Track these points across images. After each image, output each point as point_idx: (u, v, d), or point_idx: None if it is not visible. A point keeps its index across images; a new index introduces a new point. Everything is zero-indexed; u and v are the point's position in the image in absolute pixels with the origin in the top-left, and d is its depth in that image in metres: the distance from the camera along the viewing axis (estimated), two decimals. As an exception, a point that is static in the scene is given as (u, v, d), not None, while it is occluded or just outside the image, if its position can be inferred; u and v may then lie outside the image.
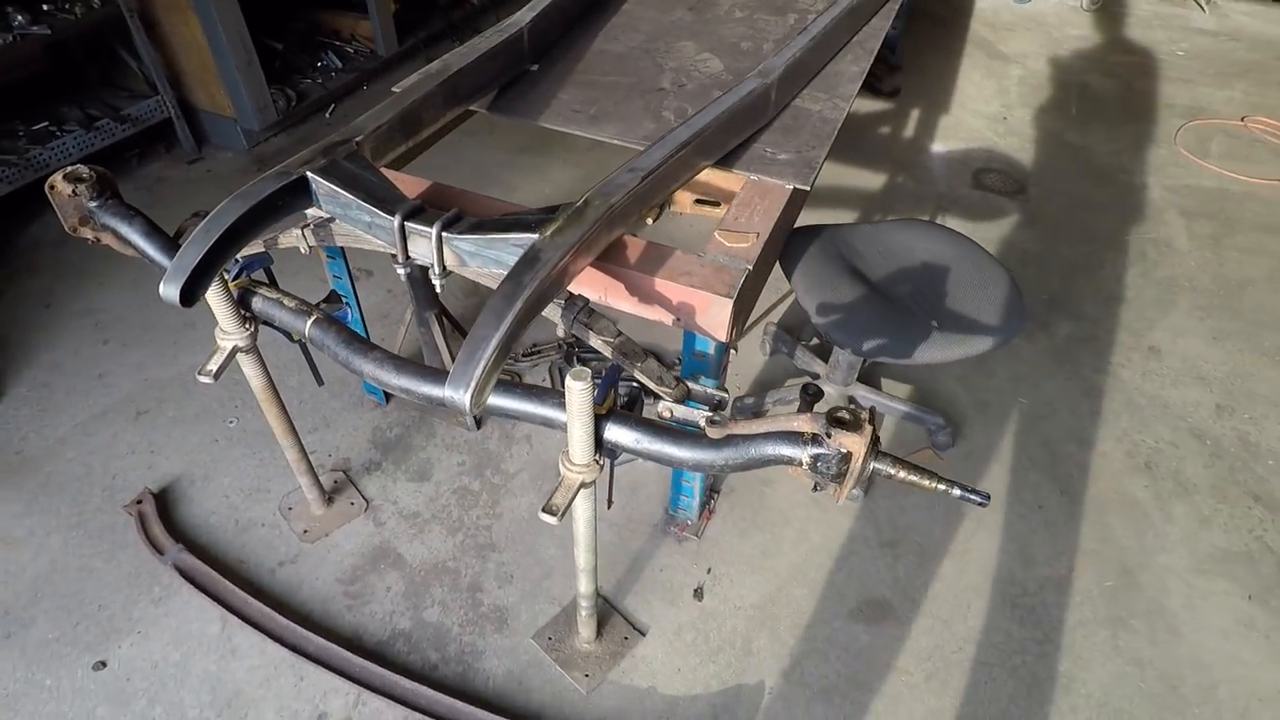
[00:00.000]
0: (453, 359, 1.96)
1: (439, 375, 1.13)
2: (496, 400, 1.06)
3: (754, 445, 1.05)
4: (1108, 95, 3.81)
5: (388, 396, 2.07)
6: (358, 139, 1.28)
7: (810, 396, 1.19)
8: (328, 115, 3.37)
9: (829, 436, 0.97)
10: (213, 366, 1.30)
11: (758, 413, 2.06)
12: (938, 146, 3.33)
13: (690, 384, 1.20)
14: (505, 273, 1.14)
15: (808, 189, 1.52)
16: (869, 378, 2.07)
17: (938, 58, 4.09)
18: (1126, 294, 2.61)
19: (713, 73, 1.81)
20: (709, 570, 1.73)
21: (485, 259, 1.14)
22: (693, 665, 1.57)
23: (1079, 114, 3.62)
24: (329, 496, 1.80)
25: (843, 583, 1.73)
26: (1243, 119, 3.59)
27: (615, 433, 1.11)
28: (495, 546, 1.75)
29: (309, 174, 1.18)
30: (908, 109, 3.59)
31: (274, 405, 1.50)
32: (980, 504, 1.00)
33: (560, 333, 1.17)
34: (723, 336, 1.32)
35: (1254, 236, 2.89)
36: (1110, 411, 2.18)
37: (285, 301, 1.28)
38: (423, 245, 1.17)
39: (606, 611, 1.63)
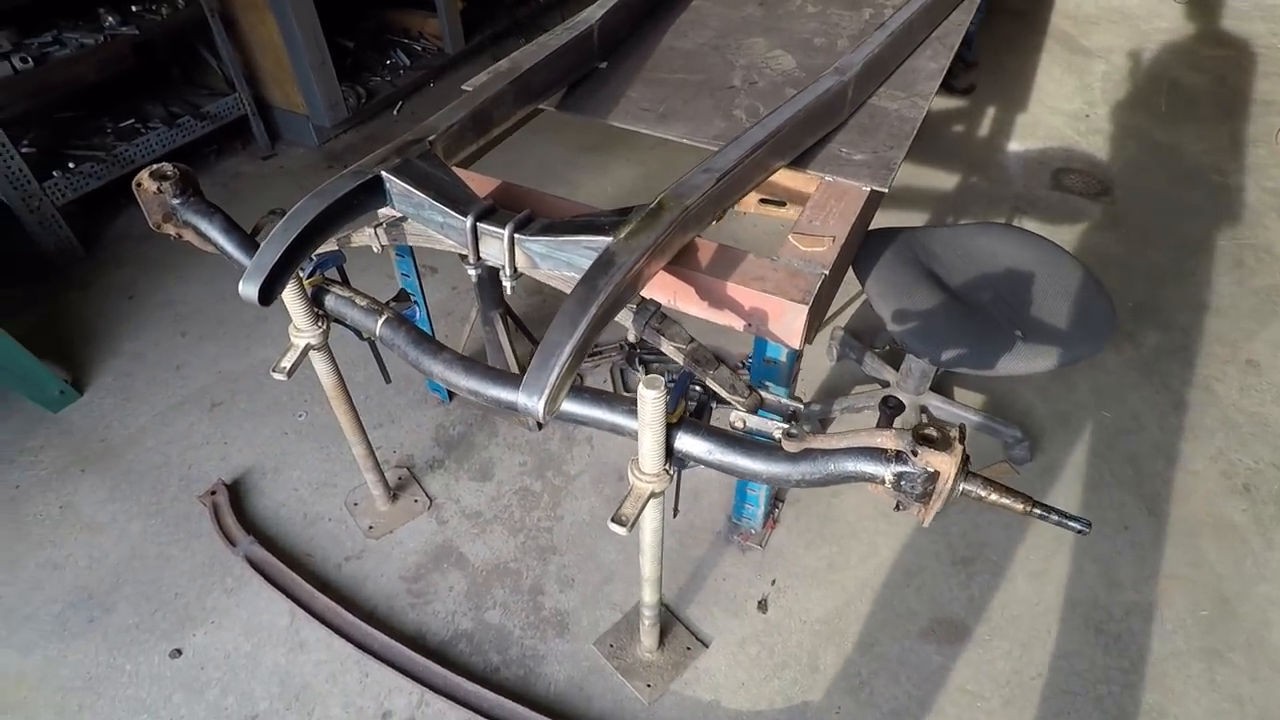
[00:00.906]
0: (516, 359, 1.96)
1: (508, 379, 1.12)
2: (565, 405, 1.04)
3: (833, 461, 1.01)
4: (1200, 91, 3.60)
5: (451, 394, 2.09)
6: (430, 138, 1.27)
7: (890, 410, 1.13)
8: (395, 112, 3.43)
9: (915, 455, 0.92)
10: (286, 364, 1.32)
11: (824, 420, 2.00)
12: (1014, 145, 3.19)
13: (764, 393, 1.15)
14: (576, 276, 1.12)
15: (885, 191, 1.46)
16: (941, 387, 1.99)
17: (1015, 53, 3.92)
18: (1221, 303, 2.45)
19: (785, 70, 1.76)
20: (773, 582, 1.69)
21: (557, 261, 1.12)
22: (757, 680, 1.52)
23: (1168, 111, 3.42)
24: (393, 493, 1.82)
25: (913, 600, 1.66)
26: (1351, 115, 3.34)
27: (686, 442, 1.08)
28: (556, 549, 1.74)
29: (383, 173, 1.18)
30: (983, 106, 3.45)
31: (343, 402, 1.51)
32: (1080, 532, 0.93)
33: (631, 337, 1.14)
34: (796, 344, 1.28)
35: (1364, 242, 2.68)
36: (1203, 428, 2.04)
37: (357, 300, 1.29)
38: (494, 246, 1.16)
39: (668, 620, 1.60)
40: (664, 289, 1.30)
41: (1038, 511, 0.93)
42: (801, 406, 1.15)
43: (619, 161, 3.03)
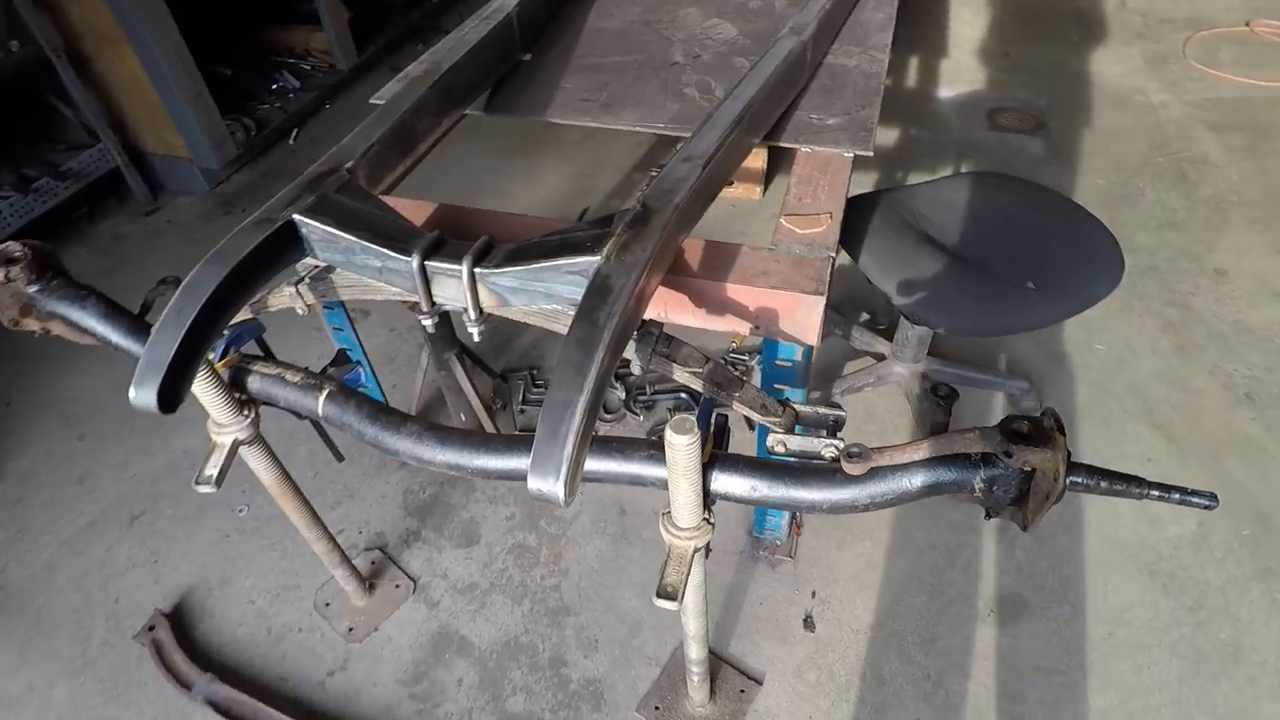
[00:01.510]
0: (481, 399, 1.74)
1: (499, 443, 0.92)
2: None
3: (908, 476, 0.85)
4: (1104, 17, 3.63)
5: (410, 453, 1.85)
6: (348, 165, 1.05)
7: (944, 400, 0.98)
8: (291, 141, 3.11)
9: (1008, 456, 0.78)
10: (212, 470, 1.07)
11: (829, 405, 1.85)
12: (945, 92, 3.13)
13: (798, 406, 0.99)
14: (562, 309, 0.93)
15: (870, 153, 1.31)
16: (935, 349, 1.88)
17: (922, 1, 3.88)
18: (1175, 218, 2.43)
19: (728, 39, 1.59)
20: (813, 594, 1.53)
21: (534, 294, 0.92)
22: (825, 710, 1.37)
23: (1080, 40, 3.44)
24: (369, 583, 1.57)
25: (962, 582, 1.54)
26: (1247, 24, 3.42)
27: (724, 483, 0.90)
28: (569, 609, 1.53)
29: (296, 217, 0.96)
30: (904, 57, 3.38)
31: (291, 498, 1.27)
32: (1207, 507, 0.80)
33: (636, 370, 0.95)
34: (813, 340, 1.11)
35: (1290, 138, 2.72)
36: (1193, 345, 2.00)
37: (288, 377, 1.06)
38: (450, 287, 0.95)
39: (714, 664, 1.42)
40: (653, 303, 1.12)
41: (1155, 493, 0.80)
42: (844, 414, 0.99)
43: (547, 162, 2.82)
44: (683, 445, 0.80)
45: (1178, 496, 0.78)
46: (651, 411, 1.89)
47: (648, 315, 1.09)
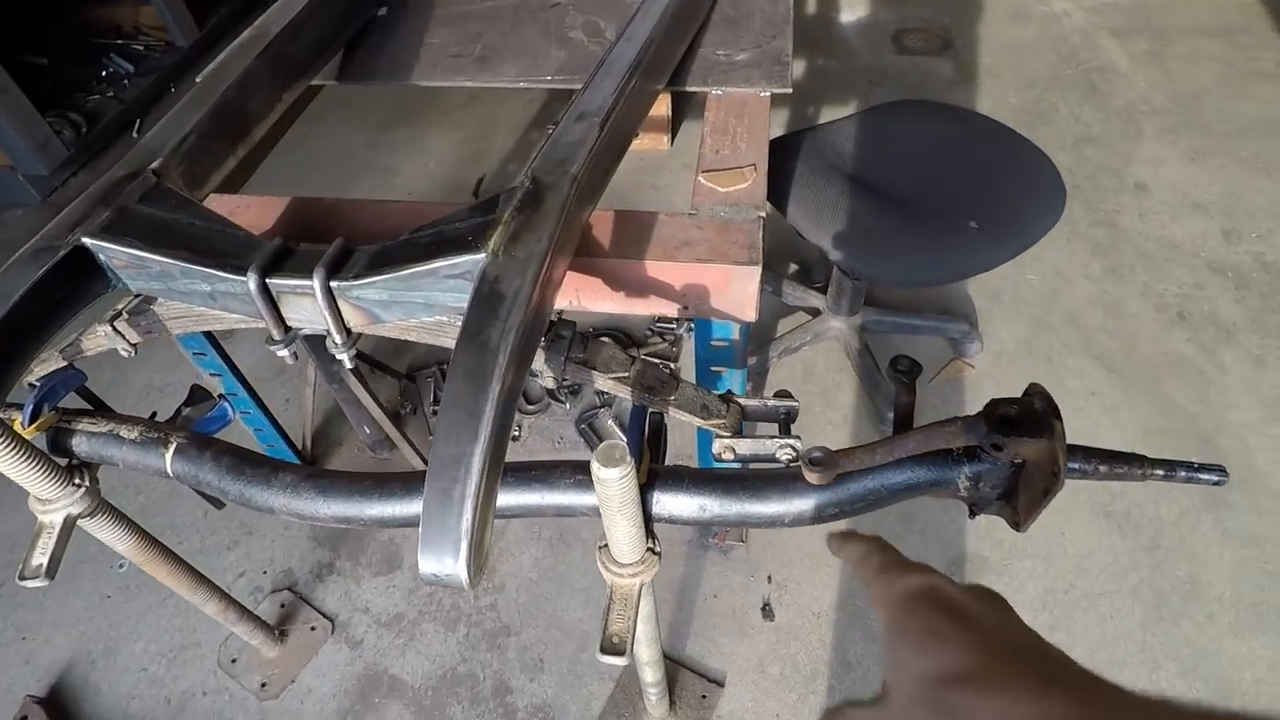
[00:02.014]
0: (384, 408, 1.55)
1: (395, 487, 0.75)
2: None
3: (880, 479, 0.73)
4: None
5: (314, 473, 1.64)
6: (155, 165, 0.83)
7: (903, 374, 0.86)
8: (135, 133, 2.72)
9: (997, 449, 0.66)
10: (40, 560, 0.87)
11: (763, 372, 1.74)
12: (846, 16, 2.99)
13: (744, 400, 0.85)
14: (446, 319, 0.76)
15: (788, 89, 1.16)
16: (872, 298, 1.77)
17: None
18: (1090, 132, 2.39)
19: (615, -31, 1.39)
20: (769, 578, 1.43)
21: (409, 306, 0.74)
22: (792, 705, 1.28)
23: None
24: (280, 630, 1.39)
25: (921, 547, 1.47)
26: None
27: (667, 504, 0.76)
28: (509, 628, 1.39)
29: (87, 241, 0.74)
30: (800, -18, 3.22)
31: (162, 562, 1.07)
32: (1217, 483, 0.71)
33: (547, 384, 0.79)
34: (751, 316, 0.98)
35: (1190, 43, 2.71)
36: (1123, 266, 1.97)
37: (123, 433, 0.86)
38: (305, 306, 0.76)
39: (671, 670, 1.31)
40: (560, 291, 0.95)
41: (1160, 473, 0.70)
42: (796, 404, 0.85)
43: (433, 130, 2.55)
44: (614, 480, 0.66)
45: (1184, 474, 0.68)
46: (578, 396, 1.74)
47: (555, 306, 0.93)
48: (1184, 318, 1.83)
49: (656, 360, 1.77)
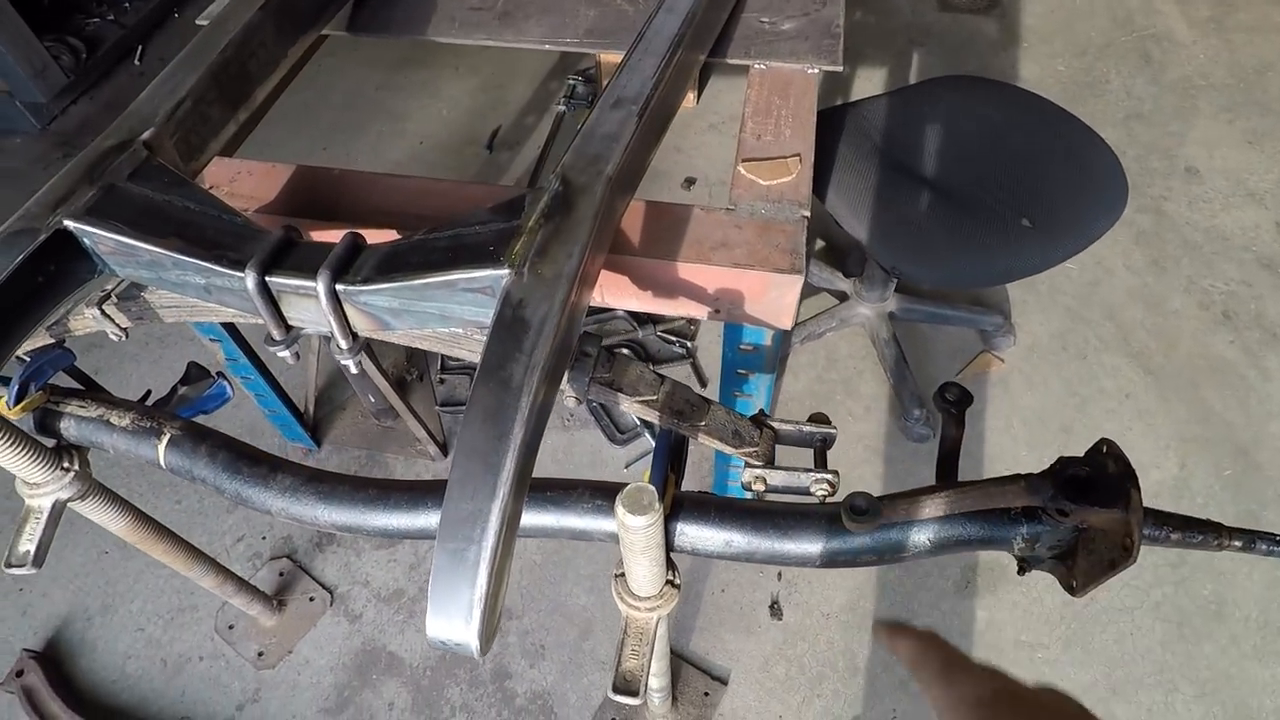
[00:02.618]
0: (389, 376, 1.49)
1: (401, 497, 0.71)
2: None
3: (924, 532, 0.67)
4: None
5: (317, 437, 1.60)
6: (147, 135, 0.75)
7: (954, 405, 0.79)
8: (137, 61, 2.60)
9: (1062, 515, 0.60)
10: (27, 546, 0.82)
11: (782, 356, 1.67)
12: (890, -33, 2.80)
13: (778, 424, 0.79)
14: (460, 331, 0.69)
15: (839, 68, 1.06)
16: (901, 285, 1.69)
17: None
18: (1142, 108, 2.25)
19: (656, -85, 1.26)
20: (779, 575, 1.40)
21: (422, 316, 0.68)
22: (795, 707, 1.26)
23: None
24: (278, 599, 1.37)
25: (937, 550, 1.43)
26: None
27: (692, 536, 0.70)
28: (511, 611, 1.37)
29: (70, 225, 0.67)
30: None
31: (156, 540, 1.03)
32: (1297, 556, 0.65)
33: (570, 404, 0.73)
34: (787, 324, 0.91)
35: (1256, 11, 2.53)
36: (1168, 258, 1.87)
37: (114, 419, 0.80)
38: (308, 308, 0.69)
39: (675, 664, 1.29)
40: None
41: (1237, 544, 0.64)
42: (835, 431, 0.79)
43: (447, 73, 2.42)
44: (640, 528, 0.60)
45: (1264, 547, 0.62)
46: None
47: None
48: (1229, 317, 1.75)
49: (674, 338, 1.70)
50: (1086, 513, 0.59)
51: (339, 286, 0.66)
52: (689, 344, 1.69)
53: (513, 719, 1.26)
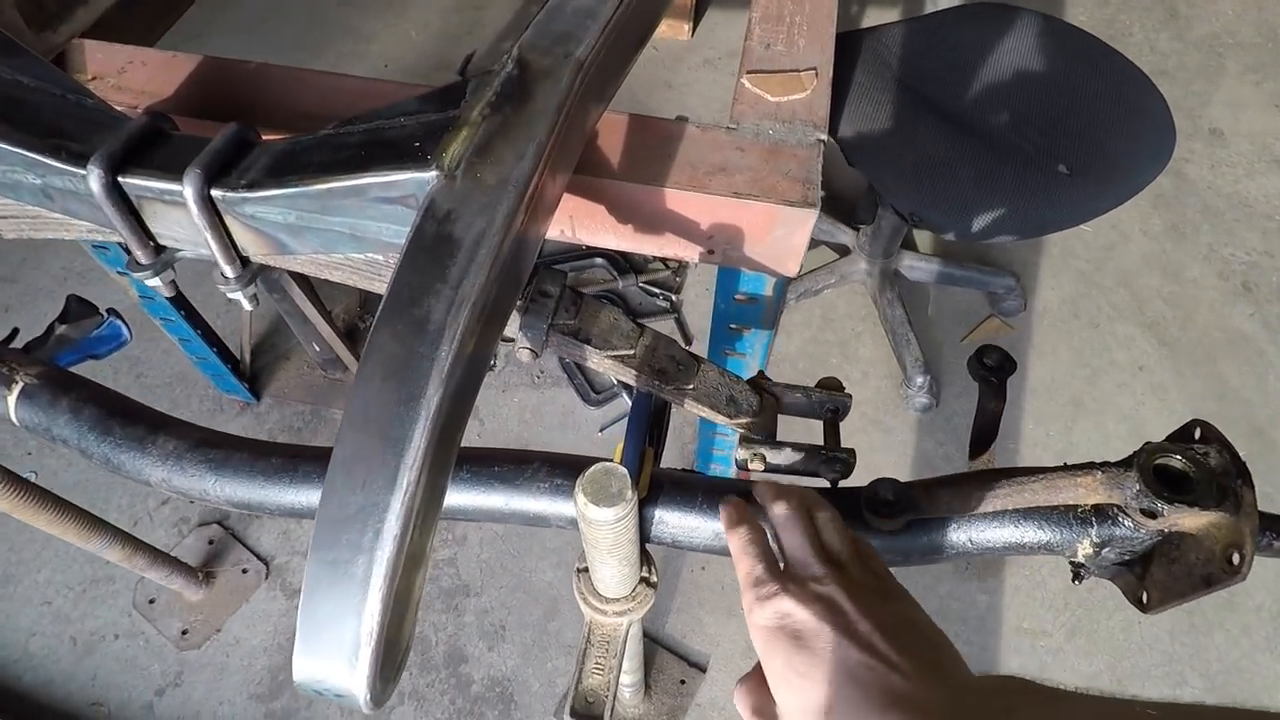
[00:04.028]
0: (336, 323, 1.33)
1: (309, 465, 0.57)
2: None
3: (968, 530, 0.54)
4: None
5: (255, 388, 1.44)
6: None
7: (994, 373, 0.65)
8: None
9: (1150, 516, 0.47)
10: None
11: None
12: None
13: (779, 390, 0.64)
14: (380, 258, 0.53)
15: (863, -28, 0.89)
16: (908, 240, 1.55)
17: None
18: (1166, 65, 2.10)
19: None
20: (763, 554, 1.28)
21: (328, 236, 0.52)
22: (777, 701, 1.15)
23: None
24: (205, 571, 1.22)
25: (935, 530, 1.31)
26: None
27: (672, 524, 0.58)
28: (469, 587, 1.24)
29: None
30: None
31: (41, 510, 0.87)
32: None
33: (524, 357, 0.58)
34: (792, 269, 0.76)
35: (1289, -36, 2.37)
36: (1187, 224, 1.74)
37: (-47, 363, 0.64)
38: (178, 220, 0.53)
39: (649, 650, 1.17)
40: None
41: (1359, 554, 0.51)
42: (849, 398, 0.65)
43: (416, -9, 2.20)
44: (608, 522, 0.46)
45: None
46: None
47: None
48: (1249, 289, 1.63)
49: (657, 290, 1.55)
50: (1181, 514, 0.46)
51: (215, 192, 0.49)
52: (674, 297, 1.54)
53: (468, 708, 1.13)
